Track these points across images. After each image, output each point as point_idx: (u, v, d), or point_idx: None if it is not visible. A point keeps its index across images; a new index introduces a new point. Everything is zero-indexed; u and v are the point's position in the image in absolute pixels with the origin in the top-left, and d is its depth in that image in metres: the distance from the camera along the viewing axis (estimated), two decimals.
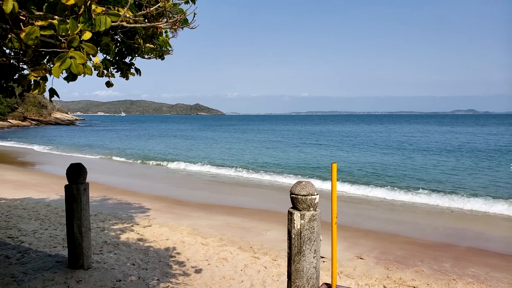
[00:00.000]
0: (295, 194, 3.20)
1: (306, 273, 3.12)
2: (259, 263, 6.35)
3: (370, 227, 9.26)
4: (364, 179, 16.39)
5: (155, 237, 7.50)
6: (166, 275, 5.48)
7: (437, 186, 14.87)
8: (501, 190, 13.91)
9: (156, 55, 3.32)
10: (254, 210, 10.81)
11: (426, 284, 5.71)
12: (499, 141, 38.92)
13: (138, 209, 10.34)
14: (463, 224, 9.72)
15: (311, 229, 3.15)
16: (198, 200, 12.24)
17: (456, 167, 20.14)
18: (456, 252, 7.50)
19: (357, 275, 5.97)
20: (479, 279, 6.03)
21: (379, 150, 29.82)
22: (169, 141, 42.56)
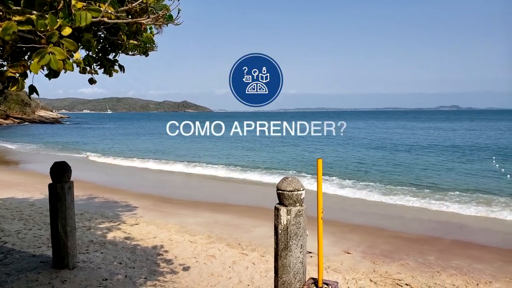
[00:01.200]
0: (281, 190, 3.22)
1: (293, 268, 3.14)
2: (247, 259, 6.37)
3: (357, 222, 9.35)
4: (346, 175, 16.54)
5: (143, 236, 7.44)
6: (153, 273, 5.45)
7: (420, 182, 15.10)
8: (482, 186, 14.20)
9: (140, 52, 3.29)
10: (243, 207, 10.81)
11: (411, 277, 5.80)
12: (482, 137, 39.69)
13: (125, 207, 10.25)
14: (447, 217, 9.89)
15: (297, 224, 3.17)
16: (186, 197, 12.19)
17: (438, 163, 20.48)
18: (441, 245, 7.63)
19: (344, 270, 6.03)
20: (462, 271, 6.16)
21: (361, 146, 30.09)
22: (156, 139, 42.23)
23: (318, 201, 3.25)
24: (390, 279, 5.69)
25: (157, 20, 2.52)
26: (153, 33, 3.41)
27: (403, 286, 5.42)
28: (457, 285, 5.53)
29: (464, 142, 32.38)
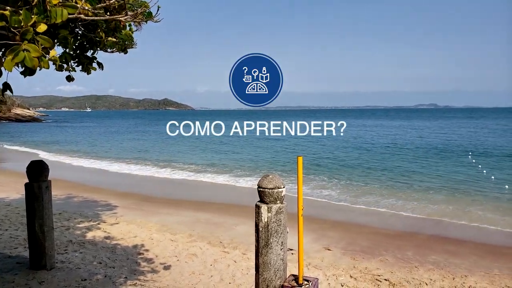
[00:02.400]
0: (262, 187, 3.24)
1: (274, 265, 3.17)
2: (228, 257, 6.38)
3: (338, 218, 9.48)
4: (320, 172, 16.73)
5: (123, 235, 7.36)
6: (134, 272, 5.40)
7: (398, 178, 15.41)
8: (459, 181, 14.59)
9: (119, 49, 3.25)
10: (224, 205, 10.81)
11: (390, 272, 5.92)
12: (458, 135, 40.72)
13: (105, 206, 10.10)
14: (425, 213, 10.11)
15: (278, 221, 3.20)
16: (167, 196, 12.10)
17: (416, 159, 20.93)
18: (418, 240, 7.81)
19: (325, 266, 6.11)
20: (439, 265, 6.32)
21: (339, 144, 30.47)
22: (137, 138, 41.70)
23: (298, 199, 3.28)
24: (369, 275, 5.79)
25: (136, 17, 2.49)
26: (132, 30, 3.38)
27: (382, 282, 5.53)
28: (434, 279, 5.67)
29: (442, 140, 33.16)
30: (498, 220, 9.47)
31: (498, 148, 25.67)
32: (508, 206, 10.74)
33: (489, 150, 24.59)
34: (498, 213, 10.17)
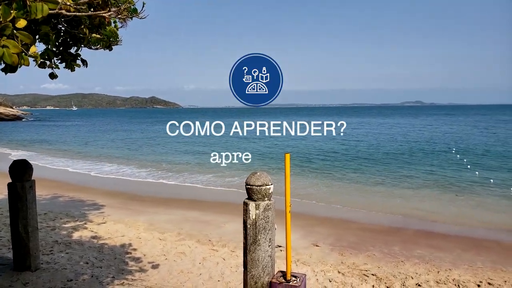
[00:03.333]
0: (250, 184, 3.23)
1: (262, 262, 3.18)
2: (217, 255, 6.37)
3: (326, 215, 9.54)
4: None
5: (110, 234, 7.29)
6: (121, 272, 5.36)
7: (383, 174, 15.58)
8: (446, 176, 14.82)
9: (104, 46, 3.20)
10: (213, 203, 10.79)
11: (377, 267, 5.99)
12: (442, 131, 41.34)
13: (92, 206, 9.99)
14: (411, 208, 10.25)
15: (266, 218, 3.20)
16: (155, 194, 12.01)
17: (400, 156, 21.19)
18: (405, 235, 7.91)
19: (313, 262, 6.15)
20: (424, 259, 6.42)
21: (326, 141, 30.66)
22: (123, 136, 41.28)
23: (286, 195, 3.29)
24: (357, 270, 5.85)
25: (120, 14, 2.46)
26: (117, 26, 3.33)
27: (369, 277, 5.59)
28: (420, 273, 5.76)
29: (427, 136, 33.62)
30: (482, 214, 9.67)
31: (479, 145, 26.15)
32: (491, 201, 10.97)
33: (470, 147, 25.01)
34: (482, 207, 10.38)
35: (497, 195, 11.49)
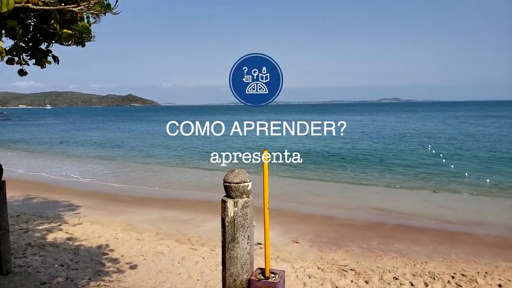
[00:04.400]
0: (228, 182, 3.21)
1: (240, 259, 3.16)
2: (196, 254, 6.32)
3: (306, 211, 9.60)
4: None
5: (86, 235, 7.12)
6: (98, 273, 5.24)
7: (363, 170, 15.82)
8: (420, 171, 15.17)
9: (76, 42, 3.11)
10: (192, 202, 10.69)
11: (356, 262, 6.08)
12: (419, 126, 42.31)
13: (67, 207, 9.74)
14: (389, 203, 10.44)
15: (244, 216, 3.19)
16: (133, 194, 11.83)
17: (379, 150, 21.57)
18: (383, 230, 8.05)
19: (293, 259, 6.18)
20: (401, 253, 6.55)
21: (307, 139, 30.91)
22: (100, 134, 40.45)
23: (264, 192, 3.28)
24: (336, 266, 5.91)
25: (90, 8, 2.39)
26: (90, 22, 3.24)
27: (348, 272, 5.66)
28: (397, 267, 5.87)
29: (403, 132, 34.34)
30: (457, 207, 9.95)
31: (451, 139, 26.91)
32: (466, 194, 11.30)
33: (445, 142, 25.71)
34: (457, 201, 10.69)
35: (471, 189, 11.84)
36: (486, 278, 5.40)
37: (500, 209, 9.83)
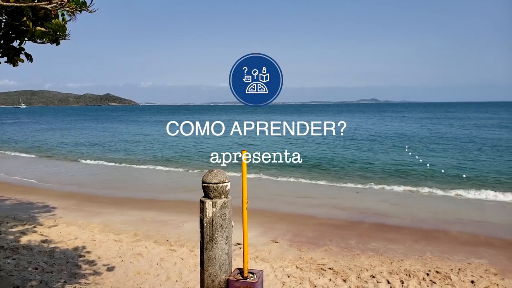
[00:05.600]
0: (206, 182, 3.20)
1: (219, 260, 3.16)
2: (175, 255, 6.27)
3: (285, 211, 9.66)
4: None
5: (62, 237, 6.97)
6: (74, 276, 5.14)
7: (338, 169, 16.04)
8: (398, 170, 15.49)
9: (50, 40, 3.03)
10: (171, 202, 10.60)
11: (334, 261, 6.15)
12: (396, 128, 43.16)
13: (42, 208, 9.50)
14: (367, 203, 10.61)
15: (222, 216, 3.18)
16: (111, 195, 11.64)
17: (357, 151, 21.91)
18: (361, 229, 8.18)
19: (272, 258, 6.21)
20: (378, 252, 6.67)
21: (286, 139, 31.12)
22: (77, 134, 39.60)
23: (243, 192, 3.29)
24: (315, 265, 5.97)
25: (64, 6, 2.34)
26: (65, 20, 3.17)
27: (326, 271, 5.72)
28: (374, 265, 5.98)
29: (380, 132, 34.96)
30: (432, 206, 10.20)
31: (424, 139, 27.59)
32: (442, 192, 11.60)
33: (420, 142, 26.32)
34: (433, 198, 10.97)
35: (447, 186, 12.15)
36: (459, 274, 5.56)
37: (473, 207, 10.13)
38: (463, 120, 54.18)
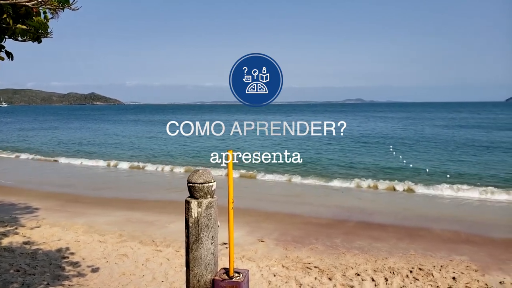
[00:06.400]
0: (192, 182, 3.20)
1: (204, 260, 3.16)
2: (161, 255, 6.23)
3: (272, 210, 9.69)
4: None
5: (45, 239, 6.86)
6: (57, 278, 5.07)
7: (323, 169, 16.16)
8: (383, 170, 15.68)
9: (31, 38, 2.99)
10: (157, 203, 10.52)
11: (319, 260, 6.20)
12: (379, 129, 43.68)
13: (24, 209, 9.32)
14: (352, 202, 10.73)
15: (208, 216, 3.18)
16: (96, 195, 11.49)
17: (341, 152, 22.11)
18: (346, 228, 8.26)
19: (258, 258, 6.22)
20: (363, 250, 6.75)
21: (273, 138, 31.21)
22: (60, 133, 38.94)
23: (229, 192, 3.29)
24: (300, 263, 6.01)
25: (45, 3, 2.30)
26: (47, 18, 3.12)
27: (312, 269, 5.76)
28: (359, 263, 6.04)
29: (364, 132, 35.35)
30: (416, 204, 10.37)
31: (407, 139, 28.02)
32: (425, 190, 11.79)
33: (403, 142, 26.71)
34: (417, 197, 11.14)
35: (431, 185, 12.34)
36: (441, 271, 5.67)
37: (456, 206, 10.34)
38: (446, 120, 55.15)
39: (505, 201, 10.70)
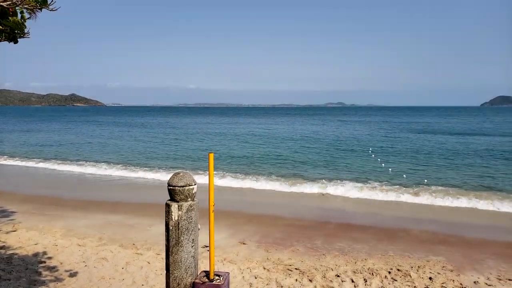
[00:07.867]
0: (172, 185, 3.19)
1: (184, 263, 3.15)
2: (142, 259, 6.17)
3: (253, 212, 9.71)
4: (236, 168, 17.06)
5: (21, 243, 6.70)
6: (33, 283, 4.96)
7: (308, 172, 16.29)
8: (363, 174, 15.91)
9: (7, 38, 2.93)
10: (138, 205, 10.40)
11: (300, 261, 6.25)
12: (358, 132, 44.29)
13: (0, 213, 9.08)
14: (333, 204, 10.85)
15: (188, 219, 3.17)
16: (75, 198, 11.27)
17: (320, 155, 22.33)
18: (327, 229, 8.34)
19: (240, 260, 6.23)
20: (343, 251, 6.84)
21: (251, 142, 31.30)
22: (37, 136, 38.04)
23: (210, 195, 3.29)
24: (281, 265, 6.04)
25: (22, 3, 2.27)
26: (24, 17, 3.07)
27: (293, 271, 5.80)
28: (339, 264, 6.12)
29: (346, 137, 35.79)
30: (395, 207, 10.55)
31: (387, 142, 28.54)
32: (404, 194, 12.00)
33: (383, 147, 27.16)
34: (395, 200, 11.34)
35: (410, 189, 12.58)
36: (418, 272, 5.80)
37: (433, 208, 10.57)
38: (422, 125, 56.21)
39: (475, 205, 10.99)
